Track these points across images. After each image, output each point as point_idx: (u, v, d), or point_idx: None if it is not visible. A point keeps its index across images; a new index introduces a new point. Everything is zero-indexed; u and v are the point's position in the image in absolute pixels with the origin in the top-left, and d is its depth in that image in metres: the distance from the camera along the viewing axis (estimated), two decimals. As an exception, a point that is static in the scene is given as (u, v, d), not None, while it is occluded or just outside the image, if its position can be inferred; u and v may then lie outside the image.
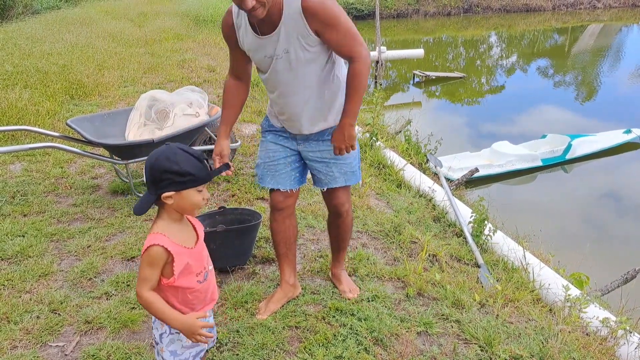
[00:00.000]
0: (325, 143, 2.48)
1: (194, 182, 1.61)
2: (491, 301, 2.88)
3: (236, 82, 2.53)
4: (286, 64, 2.26)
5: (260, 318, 2.61)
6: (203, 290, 1.74)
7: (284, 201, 2.58)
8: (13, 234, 3.33)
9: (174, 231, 1.66)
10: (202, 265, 1.73)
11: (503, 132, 8.88)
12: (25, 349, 2.36)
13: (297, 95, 2.34)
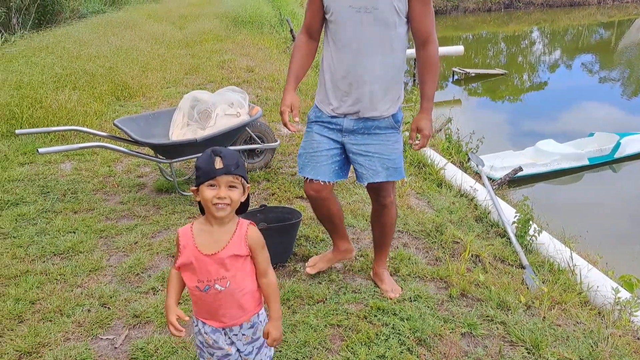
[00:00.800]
0: (371, 137, 2.49)
1: (202, 177, 1.62)
2: (537, 303, 2.82)
3: (307, 40, 2.56)
4: (371, 20, 2.28)
5: (308, 272, 2.82)
6: (202, 299, 1.73)
7: (318, 192, 2.61)
8: (65, 230, 3.46)
9: (202, 231, 1.70)
10: (207, 277, 1.68)
11: (547, 130, 8.65)
12: (77, 341, 2.45)
13: (370, 57, 2.34)
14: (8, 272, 2.97)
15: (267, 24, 13.29)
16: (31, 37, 10.19)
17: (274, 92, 7.09)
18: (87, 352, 2.37)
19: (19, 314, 2.62)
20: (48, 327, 2.52)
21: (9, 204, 3.81)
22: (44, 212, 3.71)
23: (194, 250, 1.67)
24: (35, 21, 12.80)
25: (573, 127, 8.65)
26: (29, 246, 3.27)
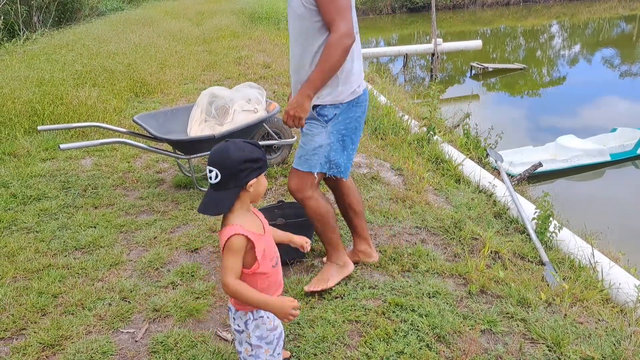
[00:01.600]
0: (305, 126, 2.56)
1: (265, 166, 1.75)
2: (558, 300, 2.78)
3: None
4: (291, 13, 2.41)
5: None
6: (275, 275, 1.82)
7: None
8: (86, 225, 3.50)
9: (247, 221, 1.74)
10: (274, 251, 1.82)
11: (567, 125, 8.52)
12: (98, 334, 2.49)
13: (293, 49, 2.47)
14: (31, 266, 3.02)
15: (284, 20, 13.29)
16: (52, 35, 10.35)
17: (291, 88, 7.09)
18: (108, 345, 2.40)
19: (42, 307, 2.67)
20: (70, 320, 2.56)
21: (32, 199, 3.87)
22: (66, 207, 3.77)
23: (260, 237, 1.75)
24: (55, 19, 12.97)
25: (595, 123, 8.51)
26: (51, 240, 3.32)
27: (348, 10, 2.29)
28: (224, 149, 1.70)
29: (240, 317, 1.82)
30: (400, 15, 25.28)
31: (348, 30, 2.27)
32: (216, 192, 1.70)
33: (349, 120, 2.55)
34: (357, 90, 2.53)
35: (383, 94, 8.01)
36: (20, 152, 4.74)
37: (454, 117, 7.42)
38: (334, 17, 2.27)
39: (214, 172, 1.69)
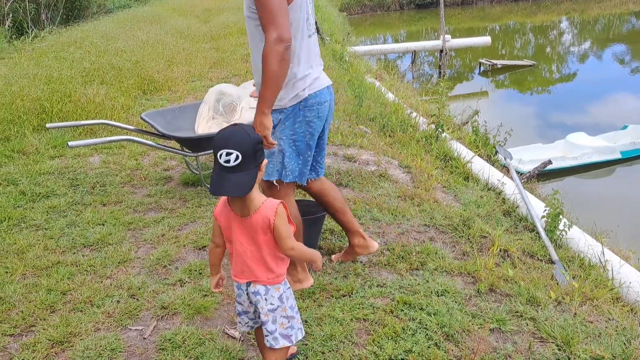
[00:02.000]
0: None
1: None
2: (568, 299, 2.76)
3: None
4: (245, 17, 2.42)
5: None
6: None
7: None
8: (94, 222, 3.52)
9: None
10: None
11: (577, 122, 8.46)
12: (107, 332, 2.49)
13: (251, 51, 2.48)
14: (40, 263, 3.03)
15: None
16: (60, 33, 10.39)
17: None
18: (116, 342, 2.41)
19: (51, 304, 2.68)
20: (79, 317, 2.57)
21: (41, 196, 3.89)
22: (74, 204, 3.78)
23: None
24: (63, 17, 13.03)
25: (605, 120, 8.44)
26: (59, 238, 3.34)
27: (280, 16, 2.20)
28: (240, 131, 1.76)
29: (273, 294, 1.89)
30: (408, 11, 25.18)
31: (278, 36, 2.19)
32: (236, 174, 1.73)
33: (297, 124, 2.49)
34: (302, 94, 2.45)
35: (391, 90, 7.98)
36: (29, 149, 4.76)
37: (463, 114, 7.38)
38: (265, 24, 2.21)
39: (234, 155, 1.72)
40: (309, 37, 2.49)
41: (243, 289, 1.93)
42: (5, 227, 3.43)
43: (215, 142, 1.77)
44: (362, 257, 3.07)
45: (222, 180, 1.74)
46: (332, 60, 9.28)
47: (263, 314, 1.90)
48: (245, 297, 1.95)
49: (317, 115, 2.52)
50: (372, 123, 5.91)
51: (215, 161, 1.77)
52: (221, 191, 1.74)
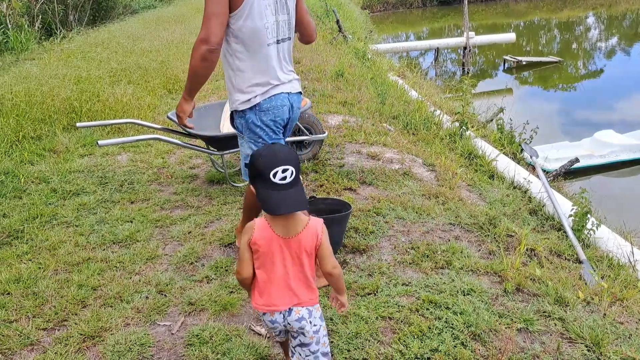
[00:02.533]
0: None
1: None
2: (597, 299, 2.72)
3: None
4: None
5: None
6: None
7: None
8: (122, 219, 3.59)
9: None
10: None
11: (606, 120, 8.30)
12: (136, 327, 2.54)
13: None
14: (71, 259, 3.11)
15: (313, 15, 13.28)
16: (87, 33, 10.60)
17: (321, 84, 7.09)
18: (146, 337, 2.46)
19: (82, 299, 2.74)
20: (109, 313, 2.63)
21: (71, 194, 3.98)
22: (103, 202, 3.86)
23: None
24: (90, 17, 13.27)
25: (634, 117, 8.25)
26: (90, 234, 3.41)
27: (213, 20, 2.36)
28: (285, 147, 1.82)
29: (315, 315, 1.87)
30: (431, 8, 24.97)
31: (205, 37, 2.36)
32: (294, 189, 1.75)
33: (258, 128, 2.61)
34: (254, 100, 2.56)
35: (414, 88, 7.94)
36: (59, 148, 4.87)
37: (487, 111, 7.31)
38: (202, 23, 2.39)
39: (290, 170, 1.74)
40: (272, 45, 2.57)
41: (280, 321, 1.85)
42: (37, 224, 3.52)
43: (265, 162, 1.74)
44: (387, 256, 3.07)
45: (282, 199, 1.72)
46: (354, 59, 9.27)
47: (308, 337, 1.86)
48: (282, 328, 1.89)
49: (274, 117, 2.63)
50: (395, 121, 5.90)
51: (266, 180, 1.73)
52: (286, 208, 1.72)
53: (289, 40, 2.68)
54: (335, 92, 6.74)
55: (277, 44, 2.60)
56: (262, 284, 1.83)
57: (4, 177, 4.20)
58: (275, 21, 2.55)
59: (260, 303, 1.84)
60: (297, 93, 2.74)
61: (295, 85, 2.73)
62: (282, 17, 2.60)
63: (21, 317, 2.61)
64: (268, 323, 1.87)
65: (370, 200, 3.78)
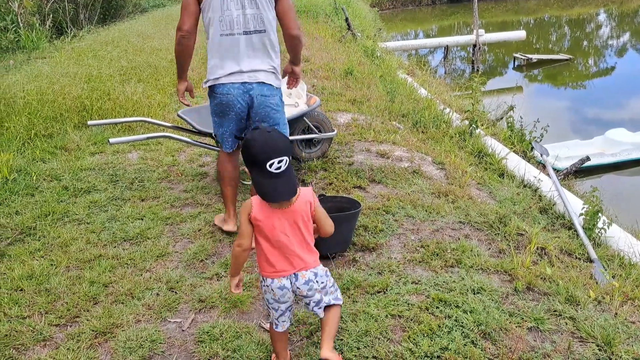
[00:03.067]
0: None
1: None
2: (608, 299, 2.70)
3: None
4: None
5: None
6: None
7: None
8: (133, 217, 3.61)
9: None
10: None
11: (617, 118, 8.22)
12: (147, 324, 2.56)
13: None
14: (83, 256, 3.14)
15: (322, 13, 13.28)
16: (98, 32, 10.66)
17: (330, 82, 7.09)
18: (157, 334, 2.48)
19: (93, 296, 2.77)
20: (120, 309, 2.65)
21: (82, 191, 4.01)
22: (114, 199, 3.89)
23: None
24: (100, 16, 13.34)
25: (644, 115, 8.18)
26: (101, 232, 3.44)
27: (183, 11, 2.95)
28: (279, 136, 1.92)
29: (321, 274, 2.05)
30: (440, 6, 24.86)
31: (178, 25, 2.97)
32: (287, 176, 1.89)
33: (212, 104, 3.12)
34: (210, 82, 3.04)
35: (423, 86, 7.92)
36: (70, 146, 4.91)
37: (497, 109, 7.27)
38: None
39: (284, 160, 1.87)
40: (224, 36, 2.94)
41: (288, 286, 1.99)
42: (49, 221, 3.55)
43: (260, 153, 1.85)
44: (397, 254, 3.07)
45: (277, 187, 1.88)
46: (363, 57, 9.26)
47: (318, 295, 2.03)
48: (291, 294, 2.01)
49: (220, 101, 3.05)
50: (404, 119, 5.89)
51: (262, 169, 1.86)
52: (282, 197, 1.89)
53: (261, 32, 2.97)
54: (345, 90, 6.73)
55: (245, 35, 2.95)
56: (268, 253, 1.96)
57: (17, 174, 4.24)
58: (242, 14, 2.92)
59: (269, 271, 1.98)
60: (259, 83, 3.01)
61: (260, 75, 3.01)
62: (250, 10, 2.93)
63: (34, 314, 2.64)
64: (277, 291, 1.98)
65: (379, 198, 3.77)
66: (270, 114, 3.11)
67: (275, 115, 3.14)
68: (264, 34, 2.97)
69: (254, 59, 2.99)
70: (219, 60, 2.99)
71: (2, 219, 3.58)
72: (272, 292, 2.00)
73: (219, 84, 3.01)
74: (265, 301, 2.09)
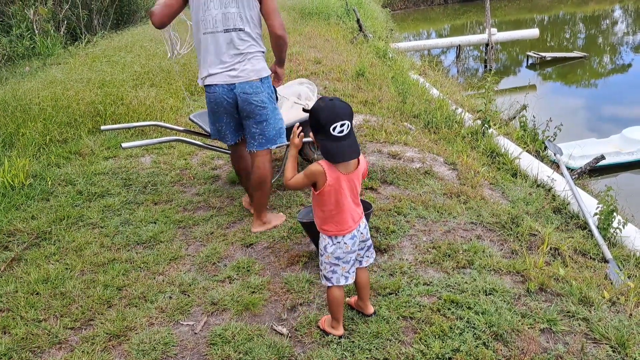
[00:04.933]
0: None
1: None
2: (623, 299, 2.67)
3: None
4: None
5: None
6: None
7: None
8: (146, 220, 3.65)
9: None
10: None
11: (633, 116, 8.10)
12: (160, 326, 2.59)
13: None
14: (97, 260, 3.18)
15: (334, 15, 13.28)
16: (111, 37, 10.77)
17: (342, 83, 7.09)
18: (169, 336, 2.50)
19: (107, 299, 2.80)
20: (134, 312, 2.68)
21: (96, 195, 4.06)
22: (127, 203, 3.93)
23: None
24: (114, 22, 13.49)
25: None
26: (114, 236, 3.48)
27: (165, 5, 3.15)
28: (344, 104, 2.11)
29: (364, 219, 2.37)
30: (452, 5, 24.72)
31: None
32: (351, 139, 2.12)
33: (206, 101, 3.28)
34: (199, 81, 3.23)
35: (435, 86, 7.89)
36: (84, 151, 4.97)
37: (510, 109, 7.22)
38: None
39: (347, 124, 2.09)
40: (206, 34, 3.11)
41: (357, 235, 2.30)
42: (64, 226, 3.60)
43: (326, 116, 2.06)
44: (409, 255, 3.06)
45: (343, 148, 2.09)
46: (375, 58, 9.25)
47: (368, 236, 2.39)
48: (357, 240, 2.32)
49: (209, 100, 3.22)
50: (416, 120, 5.87)
51: (327, 133, 2.07)
52: (348, 156, 2.12)
53: (241, 30, 3.11)
54: (356, 91, 6.73)
55: (225, 32, 3.08)
56: (337, 215, 2.22)
57: (32, 179, 4.30)
58: (221, 13, 3.06)
59: (344, 228, 2.25)
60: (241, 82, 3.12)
61: (242, 73, 3.12)
62: (231, 9, 3.06)
63: (49, 317, 2.68)
64: (349, 242, 2.26)
65: (391, 199, 3.77)
66: (256, 110, 3.20)
67: (261, 112, 3.21)
68: (242, 32, 3.11)
69: (235, 56, 3.12)
70: (202, 59, 3.18)
71: (19, 223, 3.63)
72: (345, 245, 2.26)
73: (207, 85, 3.19)
74: (332, 261, 2.27)
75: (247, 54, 3.15)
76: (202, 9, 3.10)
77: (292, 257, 3.09)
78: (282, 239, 3.31)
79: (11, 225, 3.62)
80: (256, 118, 3.23)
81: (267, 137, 3.31)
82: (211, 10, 3.07)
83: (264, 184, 3.35)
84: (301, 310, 2.65)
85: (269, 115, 3.26)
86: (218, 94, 3.16)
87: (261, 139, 3.30)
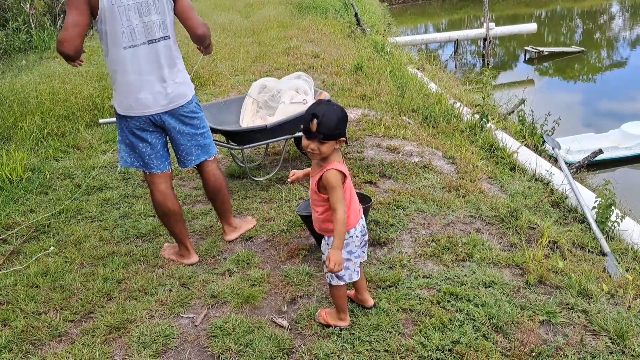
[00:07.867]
0: None
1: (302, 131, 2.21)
2: (621, 292, 2.68)
3: None
4: None
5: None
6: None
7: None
8: (145, 214, 3.64)
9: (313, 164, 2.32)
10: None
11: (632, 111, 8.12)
12: (160, 319, 2.59)
13: None
14: (97, 253, 3.17)
15: (332, 9, 13.24)
16: (108, 31, 10.70)
17: (340, 77, 7.08)
18: (170, 329, 2.50)
19: (107, 292, 2.80)
20: (134, 305, 2.68)
21: (95, 189, 4.06)
22: (126, 197, 3.93)
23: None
24: (111, 16, 13.42)
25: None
26: (114, 229, 3.48)
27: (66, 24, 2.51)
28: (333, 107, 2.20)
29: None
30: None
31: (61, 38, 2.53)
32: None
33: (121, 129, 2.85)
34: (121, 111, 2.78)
35: (433, 81, 7.88)
36: (83, 144, 4.96)
37: (508, 103, 7.22)
38: None
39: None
40: (127, 48, 2.64)
41: (364, 223, 2.41)
42: (63, 219, 3.60)
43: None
44: (408, 249, 3.07)
45: None
46: (373, 52, 9.23)
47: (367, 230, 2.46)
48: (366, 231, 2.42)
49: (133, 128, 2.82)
50: (414, 114, 5.86)
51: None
52: None
53: (167, 39, 2.73)
54: (355, 85, 6.72)
55: (150, 44, 2.68)
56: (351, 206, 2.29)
57: (31, 173, 4.29)
58: (141, 22, 2.63)
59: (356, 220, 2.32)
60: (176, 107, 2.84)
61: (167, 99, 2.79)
62: (154, 17, 2.66)
63: (49, 310, 2.68)
64: (359, 234, 2.33)
65: (390, 193, 3.77)
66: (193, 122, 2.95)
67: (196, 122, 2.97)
68: (169, 40, 2.74)
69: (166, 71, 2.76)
70: (125, 80, 2.70)
71: (17, 217, 3.63)
72: (357, 237, 2.33)
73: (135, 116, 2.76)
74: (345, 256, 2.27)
75: (173, 66, 2.81)
76: (113, 22, 2.58)
77: (292, 250, 3.09)
78: (282, 232, 3.31)
79: (10, 219, 3.62)
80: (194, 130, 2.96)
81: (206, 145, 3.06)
82: (131, 20, 2.60)
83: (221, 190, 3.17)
84: (301, 302, 2.65)
85: (204, 122, 3.03)
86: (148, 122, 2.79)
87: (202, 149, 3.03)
